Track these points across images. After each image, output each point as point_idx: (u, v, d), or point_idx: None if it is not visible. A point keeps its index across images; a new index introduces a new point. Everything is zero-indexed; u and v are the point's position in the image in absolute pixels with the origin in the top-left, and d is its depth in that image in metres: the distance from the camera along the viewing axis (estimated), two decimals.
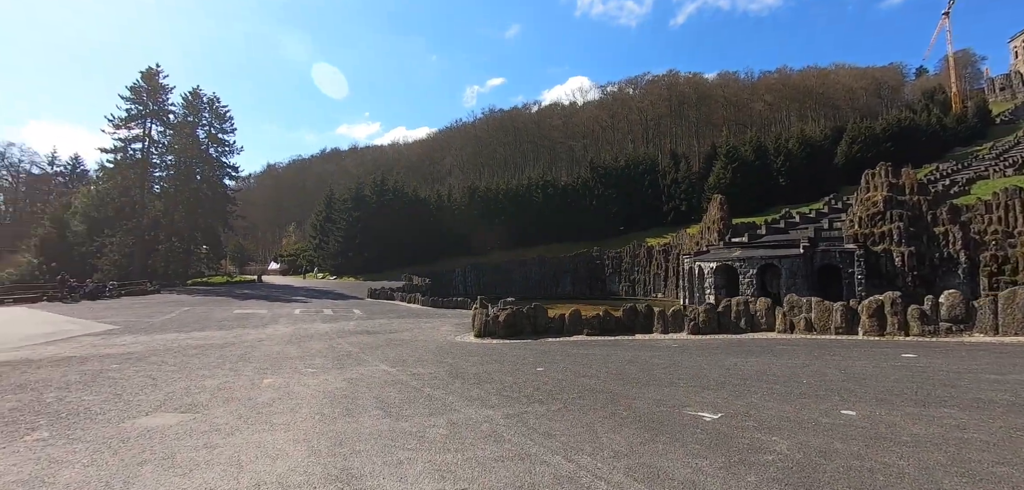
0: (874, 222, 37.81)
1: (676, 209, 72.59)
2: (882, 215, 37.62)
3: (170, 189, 57.05)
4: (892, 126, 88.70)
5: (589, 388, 6.68)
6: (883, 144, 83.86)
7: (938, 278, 35.18)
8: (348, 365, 9.21)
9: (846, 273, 35.54)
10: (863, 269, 35.07)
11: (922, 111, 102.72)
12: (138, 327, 16.73)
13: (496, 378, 7.58)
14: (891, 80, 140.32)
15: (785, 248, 38.48)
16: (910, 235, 36.12)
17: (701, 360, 8.77)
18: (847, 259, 35.64)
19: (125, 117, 53.33)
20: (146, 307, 26.19)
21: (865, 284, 34.74)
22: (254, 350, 11.44)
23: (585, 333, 13.23)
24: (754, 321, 12.54)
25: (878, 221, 37.66)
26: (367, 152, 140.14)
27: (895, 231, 36.50)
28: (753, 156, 73.13)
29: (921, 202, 37.43)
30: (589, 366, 8.51)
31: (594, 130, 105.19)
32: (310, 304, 28.23)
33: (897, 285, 34.63)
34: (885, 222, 37.25)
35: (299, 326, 17.01)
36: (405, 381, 7.57)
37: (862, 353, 8.90)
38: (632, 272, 62.96)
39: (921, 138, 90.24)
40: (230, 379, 7.93)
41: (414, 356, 10.27)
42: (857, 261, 35.19)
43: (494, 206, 73.64)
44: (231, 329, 16.17)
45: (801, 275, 35.98)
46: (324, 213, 71.55)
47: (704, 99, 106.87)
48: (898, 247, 36.06)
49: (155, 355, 10.64)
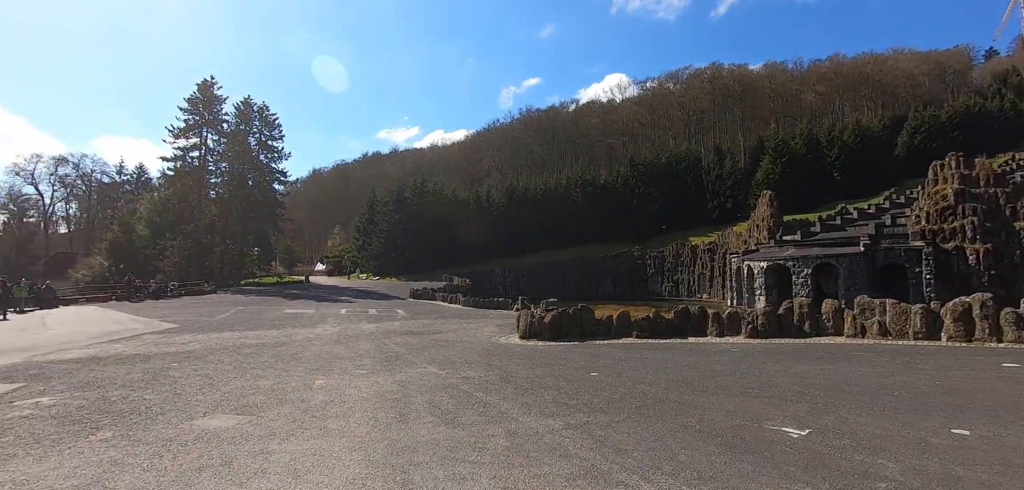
0: (944, 217, 34.99)
1: (721, 207, 69.97)
2: (953, 209, 34.75)
3: (224, 194, 60.05)
4: (959, 113, 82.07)
5: (652, 397, 6.27)
6: (949, 133, 77.73)
7: (1019, 278, 32.18)
8: (396, 366, 9.16)
9: (912, 273, 33.02)
10: (932, 268, 32.48)
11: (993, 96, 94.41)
12: (197, 326, 17.48)
13: (550, 384, 7.29)
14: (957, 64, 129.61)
15: (843, 246, 36.18)
16: (986, 231, 33.18)
17: (769, 367, 8.13)
18: (913, 258, 33.10)
19: (183, 127, 56.58)
20: (204, 307, 27.48)
21: (934, 285, 32.15)
22: (305, 350, 11.63)
23: (634, 335, 12.71)
24: (819, 324, 11.66)
25: (948, 216, 34.82)
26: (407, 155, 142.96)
27: (968, 226, 33.64)
28: (804, 149, 69.54)
29: (998, 194, 34.34)
30: (646, 372, 8.05)
31: (633, 127, 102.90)
32: (355, 304, 28.83)
33: (971, 286, 31.84)
34: (957, 217, 34.39)
35: (346, 326, 17.29)
36: (455, 385, 7.40)
37: (954, 362, 8.00)
38: (676, 272, 61.19)
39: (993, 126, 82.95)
40: (283, 379, 8.00)
41: (461, 358, 10.12)
42: (925, 260, 32.63)
43: (532, 206, 73.33)
44: (282, 328, 16.61)
45: (862, 275, 33.75)
46: (367, 215, 73.38)
47: (749, 92, 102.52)
48: (972, 244, 33.22)
49: (212, 354, 10.96)
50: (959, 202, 34.38)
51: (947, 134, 78.03)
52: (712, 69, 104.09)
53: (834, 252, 34.96)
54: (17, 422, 5.39)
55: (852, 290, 32.80)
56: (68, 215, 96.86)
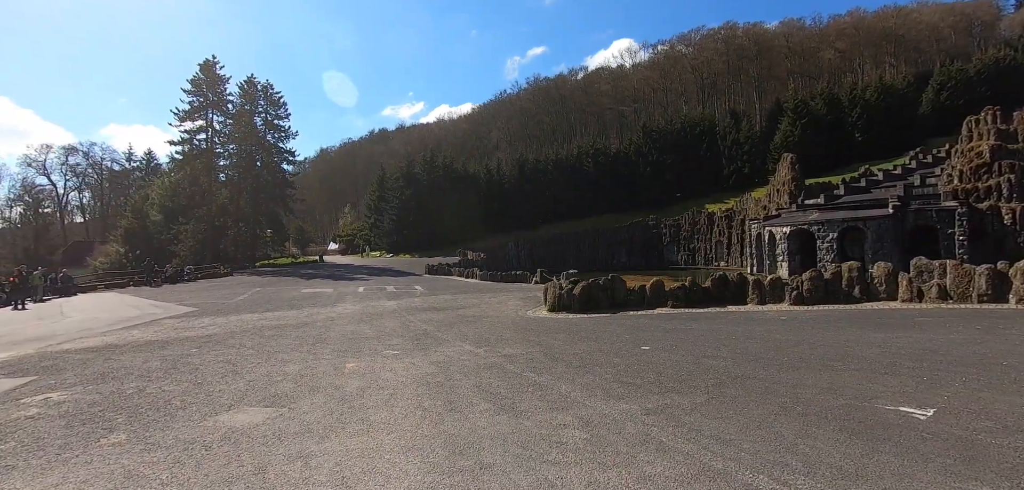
0: (978, 175, 33.53)
1: (738, 172, 68.23)
2: (988, 167, 33.27)
3: (234, 176, 59.75)
4: (988, 66, 78.36)
5: (726, 373, 5.63)
6: (978, 88, 74.45)
7: None
8: (429, 346, 8.62)
9: (945, 234, 31.76)
10: (965, 230, 31.16)
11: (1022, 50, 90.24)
12: (215, 308, 17.15)
13: (601, 361, 6.67)
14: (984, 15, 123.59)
15: (870, 209, 34.91)
16: (1023, 189, 31.73)
17: (836, 335, 7.43)
18: (946, 218, 31.79)
19: (188, 109, 55.94)
20: (221, 289, 27.30)
21: (967, 246, 30.92)
22: (328, 330, 11.16)
23: (669, 305, 12.05)
24: (870, 289, 10.89)
25: (983, 174, 33.35)
26: (413, 131, 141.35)
27: (1005, 184, 32.20)
28: (825, 110, 67.19)
29: None
30: (702, 344, 7.40)
31: (645, 93, 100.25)
32: (371, 282, 28.48)
33: (1006, 247, 30.64)
34: (992, 175, 32.93)
35: (366, 304, 16.85)
36: (499, 364, 6.83)
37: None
38: (692, 240, 60.05)
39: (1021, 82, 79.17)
40: (311, 363, 7.49)
41: (495, 334, 9.55)
42: (958, 221, 31.30)
43: (544, 177, 72.20)
44: (302, 308, 16.21)
45: (890, 238, 32.59)
46: (377, 193, 72.86)
47: (765, 51, 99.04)
48: (1008, 203, 31.82)
49: (233, 337, 10.52)
50: (995, 159, 32.83)
51: (975, 89, 74.75)
52: (726, 29, 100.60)
53: (861, 215, 33.75)
54: (22, 424, 4.87)
55: (880, 254, 31.74)
56: (82, 204, 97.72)
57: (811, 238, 35.06)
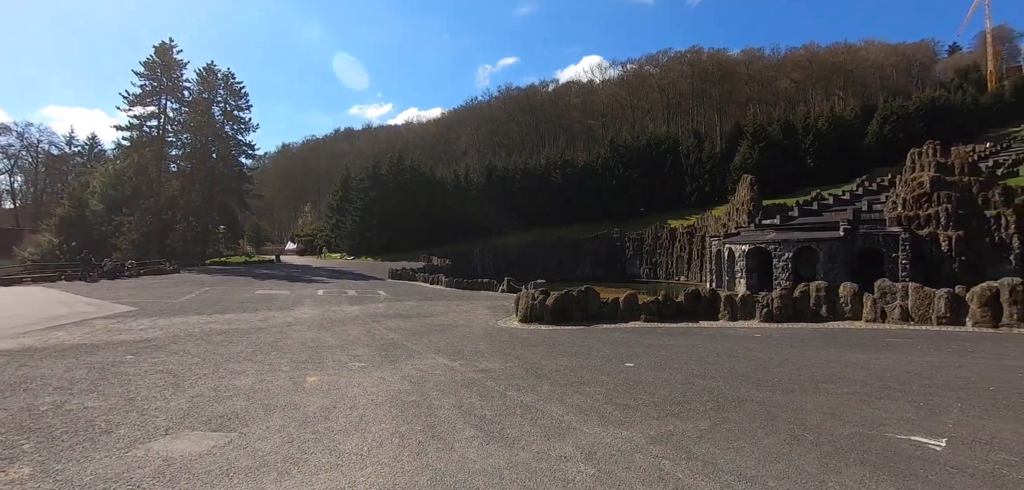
0: (919, 204, 35.71)
1: (699, 190, 70.40)
2: (928, 196, 35.50)
3: (186, 167, 56.46)
4: (925, 105, 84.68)
5: (719, 395, 5.42)
6: (916, 123, 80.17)
7: (988, 264, 33.10)
8: (399, 357, 8.04)
9: (889, 258, 33.58)
10: (908, 254, 33.10)
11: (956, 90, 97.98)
12: (157, 309, 15.81)
13: (587, 378, 6.34)
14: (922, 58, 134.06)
15: (822, 231, 36.54)
16: (958, 218, 34.00)
17: (815, 354, 7.43)
18: (891, 243, 33.66)
19: (140, 93, 52.53)
20: (165, 287, 25.46)
21: (909, 269, 32.80)
22: (285, 337, 10.33)
23: (642, 319, 11.94)
24: (836, 308, 11.13)
25: (924, 203, 35.55)
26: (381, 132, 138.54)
27: (942, 214, 34.42)
28: (781, 136, 70.43)
29: (972, 183, 35.22)
30: (685, 361, 7.22)
31: (613, 108, 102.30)
32: (332, 284, 27.30)
33: (943, 271, 32.71)
34: (932, 204, 35.15)
35: (327, 309, 15.97)
36: (479, 381, 6.36)
37: (1016, 349, 7.46)
38: (654, 254, 61.35)
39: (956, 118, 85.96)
40: (266, 376, 6.73)
41: (468, 345, 9.08)
42: (902, 245, 33.20)
43: (512, 186, 72.18)
44: (256, 311, 15.16)
45: (840, 259, 34.14)
46: (341, 192, 70.68)
47: (728, 76, 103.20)
48: (945, 231, 34.03)
49: (176, 343, 9.54)
50: (934, 189, 35.10)
51: (914, 124, 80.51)
52: (692, 52, 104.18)
53: (814, 236, 35.26)
54: None
55: (831, 274, 33.20)
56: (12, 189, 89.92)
57: (768, 256, 36.30)
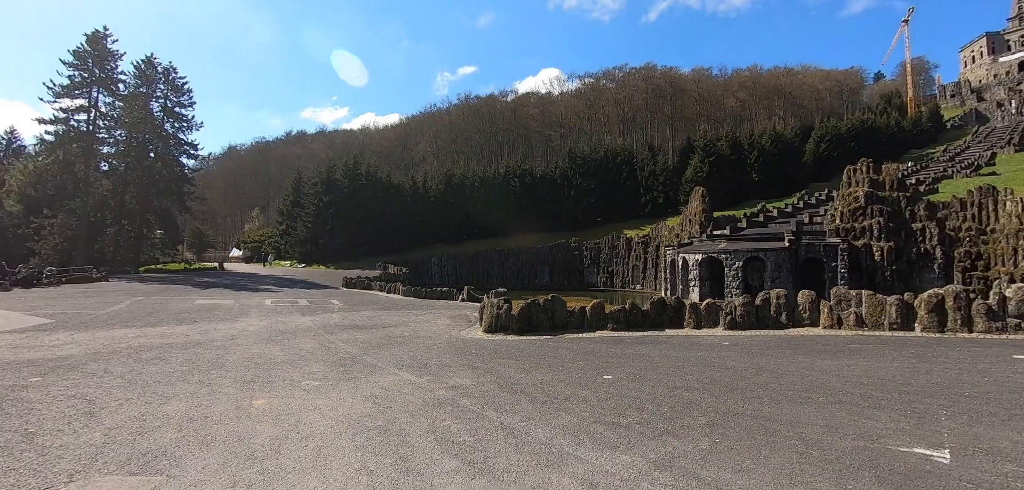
0: (855, 217, 38.14)
1: (653, 201, 72.57)
2: (863, 210, 37.98)
3: (120, 166, 52.14)
4: (856, 126, 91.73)
5: (709, 408, 5.26)
6: (847, 143, 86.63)
7: (915, 273, 35.81)
8: (358, 373, 7.37)
9: (829, 267, 35.65)
10: (846, 263, 35.24)
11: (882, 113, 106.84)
12: (77, 321, 14.21)
13: (567, 393, 6.00)
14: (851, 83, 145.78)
15: (769, 241, 38.36)
16: (889, 230, 36.57)
17: (789, 362, 7.50)
18: (831, 253, 35.74)
19: (67, 85, 48.08)
20: (89, 297, 23.19)
21: (847, 278, 34.92)
22: (228, 352, 9.42)
23: (610, 328, 11.85)
24: (796, 315, 11.46)
25: (859, 216, 38.01)
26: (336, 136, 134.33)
27: (875, 226, 36.91)
28: (729, 151, 73.85)
29: (900, 198, 38.01)
30: (663, 372, 7.08)
31: (571, 120, 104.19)
32: (281, 294, 25.81)
33: (876, 279, 35.10)
34: (866, 217, 37.62)
35: (275, 319, 14.91)
36: (451, 400, 5.84)
37: (970, 356, 7.83)
38: (610, 263, 62.38)
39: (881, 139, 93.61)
40: (204, 400, 5.84)
41: (433, 359, 8.58)
42: (840, 255, 35.31)
43: (470, 194, 71.68)
44: (195, 323, 13.93)
45: (786, 268, 35.86)
46: (291, 197, 67.66)
47: (679, 93, 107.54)
48: (878, 242, 36.47)
49: (96, 361, 8.44)
50: (868, 204, 37.62)
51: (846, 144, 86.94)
52: (646, 69, 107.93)
53: (762, 246, 36.91)
54: None
55: (777, 282, 34.86)
56: None
57: (720, 265, 37.65)
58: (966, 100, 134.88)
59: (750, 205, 64.04)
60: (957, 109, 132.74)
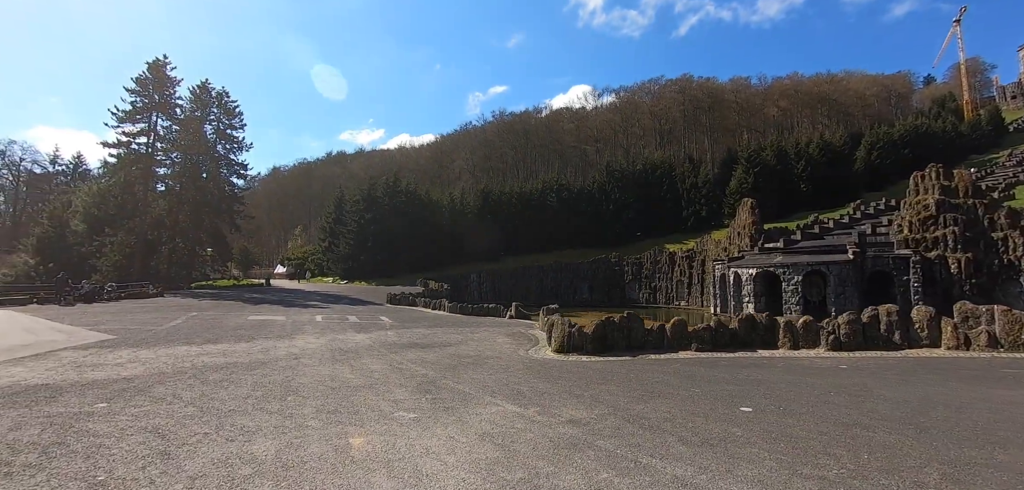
0: (926, 226, 35.44)
1: (696, 214, 70.25)
2: (934, 219, 35.25)
3: (175, 187, 54.55)
4: (909, 132, 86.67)
5: (925, 455, 4.28)
6: (901, 150, 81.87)
7: (998, 287, 32.83)
8: (452, 402, 6.62)
9: (900, 281, 33.12)
10: (919, 276, 32.63)
11: (936, 118, 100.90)
12: (139, 337, 14.23)
13: (718, 432, 5.04)
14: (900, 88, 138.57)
15: (830, 254, 36.05)
16: (966, 240, 33.72)
17: (961, 393, 6.37)
18: (901, 266, 33.20)
19: (130, 110, 50.87)
20: (148, 312, 23.75)
21: (922, 292, 32.26)
22: (296, 373, 8.95)
23: (693, 349, 10.82)
24: (910, 334, 10.13)
25: (930, 225, 35.29)
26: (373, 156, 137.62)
27: (949, 236, 34.14)
28: (775, 161, 70.98)
29: (977, 206, 35.08)
30: (809, 404, 6.12)
31: (606, 134, 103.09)
32: (329, 310, 25.79)
33: (953, 294, 32.17)
34: (938, 226, 34.87)
35: (332, 337, 14.57)
36: (581, 439, 4.90)
37: None
38: (653, 278, 60.53)
39: (937, 145, 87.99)
40: (293, 436, 5.11)
41: (524, 384, 7.78)
42: (913, 268, 32.74)
43: (507, 210, 71.38)
44: (253, 340, 13.71)
45: (851, 283, 33.58)
46: (333, 215, 69.14)
47: (717, 104, 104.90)
48: (953, 253, 33.68)
49: (162, 383, 8.02)
50: (940, 212, 34.87)
51: (899, 151, 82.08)
52: (683, 80, 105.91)
53: (823, 259, 34.71)
54: None
55: (842, 298, 32.60)
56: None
57: (776, 280, 35.63)
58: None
59: (800, 217, 61.03)
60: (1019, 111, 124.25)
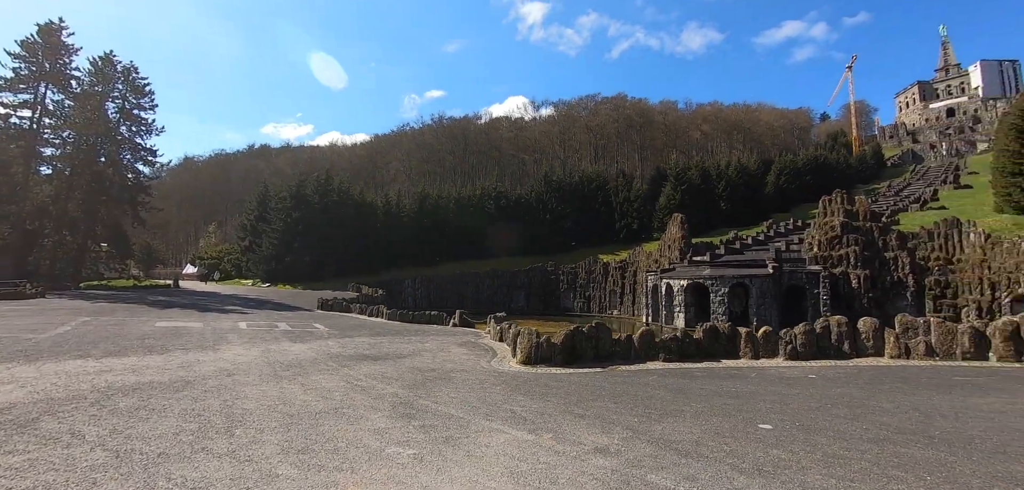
0: (832, 245, 39.18)
1: (628, 227, 73.12)
2: (839, 239, 39.08)
3: (64, 170, 47.33)
4: (810, 162, 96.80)
5: (979, 472, 4.19)
6: (804, 177, 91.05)
7: (889, 300, 36.87)
8: (447, 430, 5.59)
9: (812, 294, 36.16)
10: (828, 290, 35.86)
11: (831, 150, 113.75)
12: (14, 349, 11.62)
13: (752, 459, 4.63)
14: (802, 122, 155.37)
15: (752, 268, 38.68)
16: (865, 259, 37.67)
17: (945, 402, 6.54)
18: (813, 280, 36.30)
19: (12, 78, 43.41)
20: (25, 316, 20.09)
21: (829, 305, 35.46)
22: (235, 396, 7.41)
23: (661, 358, 10.76)
24: (858, 344, 10.73)
25: (836, 244, 39.07)
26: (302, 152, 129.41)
27: (852, 254, 37.97)
28: (700, 180, 75.73)
29: (873, 228, 39.39)
30: (822, 420, 6.00)
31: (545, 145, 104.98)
32: (253, 316, 23.35)
33: (855, 306, 35.81)
34: (842, 246, 38.69)
35: (265, 348, 12.91)
36: (631, 477, 4.22)
37: None
38: (587, 288, 61.92)
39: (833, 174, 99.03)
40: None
41: (517, 404, 7.02)
42: (822, 283, 35.91)
43: (445, 215, 70.04)
44: (169, 352, 11.76)
45: (770, 295, 36.13)
46: (256, 212, 63.81)
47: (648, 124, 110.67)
48: (854, 270, 37.45)
49: (53, 413, 5.92)
50: (844, 233, 38.77)
51: (802, 177, 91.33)
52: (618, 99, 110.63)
53: (747, 273, 37.16)
54: None
55: (762, 308, 35.05)
56: None
57: (705, 291, 37.56)
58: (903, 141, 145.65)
59: (721, 232, 65.39)
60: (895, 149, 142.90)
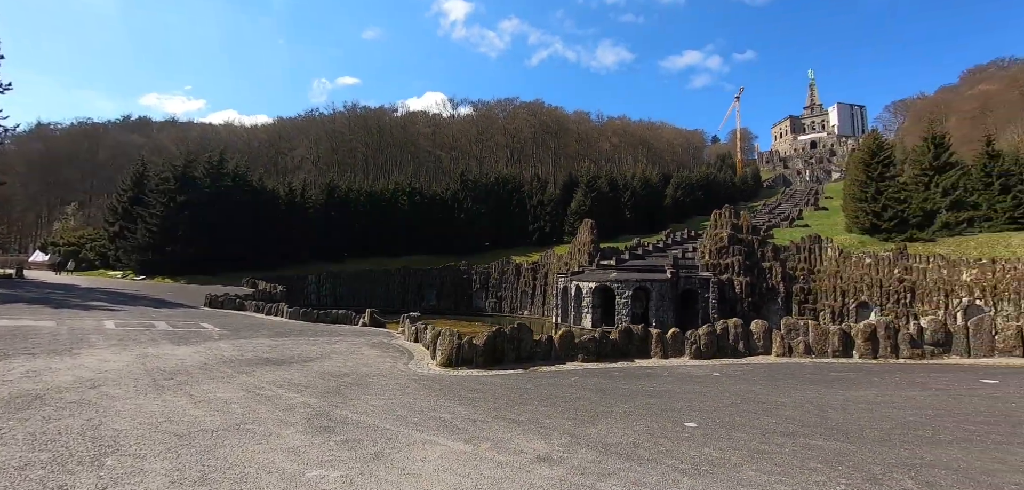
0: (721, 254, 43.47)
1: (540, 230, 75.13)
2: (727, 249, 43.47)
3: None
4: (702, 179, 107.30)
5: (891, 465, 4.56)
6: (697, 192, 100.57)
7: (764, 304, 41.73)
8: (374, 445, 4.92)
9: (702, 298, 39.77)
10: (716, 295, 39.64)
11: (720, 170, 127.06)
12: None
13: (689, 453, 4.76)
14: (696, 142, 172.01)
15: (653, 273, 41.62)
16: (747, 267, 42.28)
17: (837, 396, 7.34)
18: (704, 285, 39.93)
19: None
20: None
21: (717, 308, 39.27)
22: (103, 412, 6.13)
23: (580, 359, 11.05)
24: (751, 343, 11.88)
25: (724, 253, 43.40)
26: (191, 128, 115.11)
27: (736, 263, 42.40)
28: (608, 189, 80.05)
29: (754, 241, 44.34)
30: (740, 417, 6.39)
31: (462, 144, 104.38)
32: (124, 313, 20.22)
33: (737, 310, 40.09)
34: (729, 255, 43.09)
35: (140, 352, 11.10)
36: (574, 482, 4.07)
37: (940, 381, 8.49)
38: (499, 289, 62.57)
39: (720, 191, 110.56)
40: None
41: (445, 410, 6.60)
42: (712, 288, 39.63)
43: (355, 209, 66.71)
44: (9, 357, 9.62)
45: (668, 298, 39.10)
46: (130, 193, 55.50)
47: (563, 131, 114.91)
48: (738, 277, 41.84)
49: None
50: (731, 244, 43.24)
51: (695, 192, 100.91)
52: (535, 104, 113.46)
53: (648, 277, 39.92)
54: None
55: (661, 310, 37.91)
56: None
57: (611, 294, 39.70)
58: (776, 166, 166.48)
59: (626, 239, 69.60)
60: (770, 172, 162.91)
